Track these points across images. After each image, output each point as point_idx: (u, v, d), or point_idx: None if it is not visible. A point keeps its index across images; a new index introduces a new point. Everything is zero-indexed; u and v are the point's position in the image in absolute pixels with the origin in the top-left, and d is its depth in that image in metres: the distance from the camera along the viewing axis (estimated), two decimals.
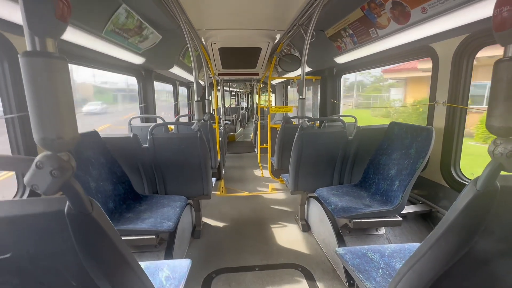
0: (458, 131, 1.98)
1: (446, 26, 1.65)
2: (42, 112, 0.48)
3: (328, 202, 2.08)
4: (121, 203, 2.00)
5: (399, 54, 2.48)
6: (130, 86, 15.77)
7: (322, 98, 4.08)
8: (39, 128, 0.48)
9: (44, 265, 0.59)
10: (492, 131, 0.62)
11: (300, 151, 2.36)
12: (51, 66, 0.48)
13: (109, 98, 17.85)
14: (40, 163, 0.48)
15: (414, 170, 1.79)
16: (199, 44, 3.00)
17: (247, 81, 7.84)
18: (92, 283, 0.62)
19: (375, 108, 17.44)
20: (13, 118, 1.54)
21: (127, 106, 16.76)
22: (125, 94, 17.28)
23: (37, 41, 0.48)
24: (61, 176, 0.50)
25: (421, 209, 2.21)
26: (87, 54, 2.38)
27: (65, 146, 0.51)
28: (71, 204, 0.53)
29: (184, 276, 1.25)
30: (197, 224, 2.64)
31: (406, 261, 0.87)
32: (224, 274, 2.00)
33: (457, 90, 1.92)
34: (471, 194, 0.67)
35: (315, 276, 1.96)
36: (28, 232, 0.54)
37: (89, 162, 1.80)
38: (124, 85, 16.34)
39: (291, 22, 2.50)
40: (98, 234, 0.57)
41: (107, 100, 17.31)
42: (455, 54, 1.88)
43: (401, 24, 1.91)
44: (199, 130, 2.27)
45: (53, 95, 0.48)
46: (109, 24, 2.03)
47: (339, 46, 2.95)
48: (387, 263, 1.34)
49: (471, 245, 0.70)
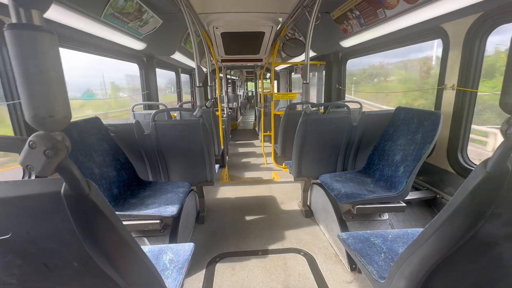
0: (467, 115, 1.92)
1: (458, 4, 1.56)
2: (32, 89, 0.46)
3: (332, 188, 2.07)
4: (125, 189, 2.02)
5: (408, 36, 2.38)
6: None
7: (327, 84, 3.99)
8: (29, 105, 0.47)
9: (45, 246, 0.59)
10: (507, 110, 0.59)
11: (303, 137, 2.33)
12: (38, 39, 0.46)
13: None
14: (33, 142, 0.47)
15: (420, 156, 1.75)
16: (201, 29, 2.92)
17: (250, 68, 7.70)
18: (93, 264, 0.62)
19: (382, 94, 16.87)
20: (15, 103, 1.53)
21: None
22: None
23: (22, 13, 0.45)
24: (55, 156, 0.48)
25: (425, 195, 2.19)
26: (88, 40, 2.35)
27: (57, 125, 0.50)
28: (67, 185, 0.53)
29: (187, 260, 1.27)
30: (201, 210, 2.67)
31: (409, 245, 0.86)
32: (227, 258, 2.04)
33: (468, 72, 1.84)
34: (480, 176, 0.64)
35: (318, 260, 1.98)
36: (26, 213, 0.54)
37: (92, 148, 1.80)
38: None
39: (295, 4, 2.40)
40: (96, 215, 0.57)
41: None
42: (467, 35, 1.79)
43: (411, 3, 1.82)
44: (201, 116, 2.25)
45: (43, 71, 0.47)
46: (108, 7, 1.98)
47: (345, 29, 2.84)
48: (389, 247, 1.34)
49: (477, 228, 0.68)
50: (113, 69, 14.04)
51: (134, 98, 3.90)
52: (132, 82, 9.69)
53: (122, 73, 11.33)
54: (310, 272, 1.87)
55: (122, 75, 11.36)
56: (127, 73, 10.87)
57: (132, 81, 10.00)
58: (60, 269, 0.64)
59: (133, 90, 8.97)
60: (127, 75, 11.02)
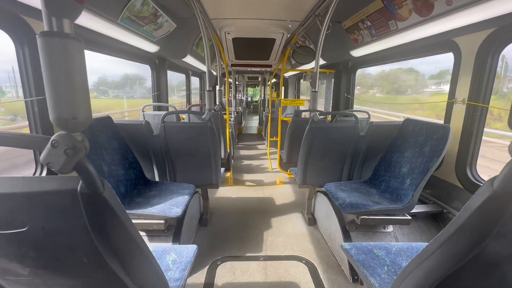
0: (477, 130, 1.90)
1: (472, 19, 1.56)
2: (58, 92, 0.49)
3: (336, 197, 2.06)
4: (132, 188, 2.05)
5: (419, 48, 2.38)
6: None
7: (335, 92, 4.00)
8: (55, 107, 0.50)
9: (58, 241, 0.61)
10: None
11: (310, 144, 2.33)
12: (67, 46, 0.49)
13: None
14: (55, 142, 0.50)
15: (427, 169, 1.74)
16: (213, 33, 2.98)
17: (253, 73, 7.77)
18: (102, 261, 0.64)
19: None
20: (32, 101, 1.59)
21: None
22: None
23: (54, 22, 0.49)
24: (75, 155, 0.51)
25: (432, 209, 2.16)
26: (104, 41, 2.42)
27: (79, 127, 0.53)
28: (84, 183, 0.55)
29: (190, 261, 1.28)
30: (204, 212, 2.69)
31: (413, 259, 0.86)
32: (229, 262, 2.04)
33: (479, 87, 1.83)
34: (486, 193, 0.64)
35: (319, 269, 1.97)
36: (43, 208, 0.57)
37: (102, 146, 1.85)
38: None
39: (307, 13, 2.44)
40: (109, 213, 0.59)
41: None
42: (480, 50, 1.79)
43: (423, 16, 1.83)
44: (210, 120, 2.29)
45: (69, 76, 0.50)
46: (125, 11, 2.05)
47: (356, 39, 2.86)
48: (393, 260, 1.32)
49: (482, 246, 0.68)
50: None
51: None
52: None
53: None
54: (311, 281, 1.85)
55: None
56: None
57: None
58: (70, 264, 0.66)
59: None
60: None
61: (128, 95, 14.10)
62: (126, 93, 17.38)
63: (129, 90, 18.97)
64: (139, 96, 17.28)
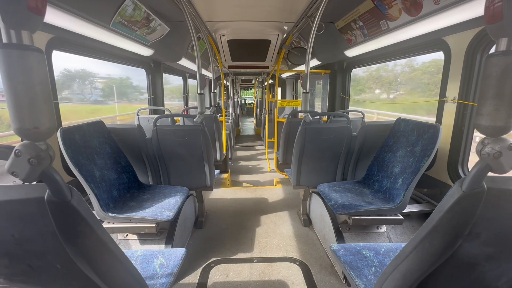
0: (467, 128, 1.89)
1: (460, 18, 1.56)
2: (18, 103, 0.50)
3: (329, 198, 2.06)
4: (125, 192, 2.06)
5: (410, 48, 2.37)
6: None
7: (331, 93, 3.99)
8: (16, 118, 0.51)
9: (29, 249, 0.62)
10: (480, 130, 0.59)
11: (302, 145, 2.33)
12: (27, 58, 0.50)
13: None
14: (18, 151, 0.51)
15: (418, 168, 1.73)
16: (207, 36, 2.99)
17: (256, 74, 7.78)
18: (76, 268, 0.65)
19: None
20: None
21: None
22: None
23: (13, 34, 0.49)
24: (39, 164, 0.52)
25: (425, 209, 2.15)
26: (96, 46, 2.44)
27: (42, 136, 0.53)
28: (50, 191, 0.56)
29: (177, 265, 1.29)
30: (199, 215, 2.69)
31: (391, 261, 0.86)
32: (222, 264, 2.04)
33: (468, 86, 1.82)
34: (456, 195, 0.64)
35: (313, 270, 1.96)
36: (11, 216, 0.57)
37: (94, 151, 1.86)
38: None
39: (300, 14, 2.44)
40: (78, 221, 0.60)
41: None
42: (469, 48, 1.78)
43: (412, 16, 1.82)
44: (202, 122, 2.29)
45: (29, 87, 0.50)
46: (116, 16, 2.06)
47: (349, 39, 2.86)
48: (381, 261, 1.32)
49: (456, 247, 0.68)
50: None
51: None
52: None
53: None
54: (303, 282, 1.85)
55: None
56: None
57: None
58: (44, 271, 0.67)
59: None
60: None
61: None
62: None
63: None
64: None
